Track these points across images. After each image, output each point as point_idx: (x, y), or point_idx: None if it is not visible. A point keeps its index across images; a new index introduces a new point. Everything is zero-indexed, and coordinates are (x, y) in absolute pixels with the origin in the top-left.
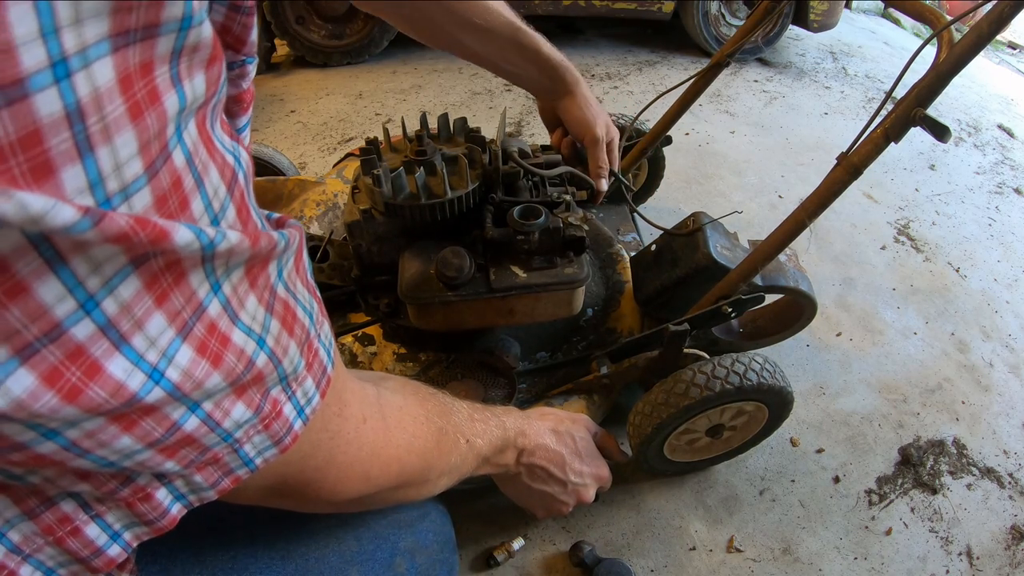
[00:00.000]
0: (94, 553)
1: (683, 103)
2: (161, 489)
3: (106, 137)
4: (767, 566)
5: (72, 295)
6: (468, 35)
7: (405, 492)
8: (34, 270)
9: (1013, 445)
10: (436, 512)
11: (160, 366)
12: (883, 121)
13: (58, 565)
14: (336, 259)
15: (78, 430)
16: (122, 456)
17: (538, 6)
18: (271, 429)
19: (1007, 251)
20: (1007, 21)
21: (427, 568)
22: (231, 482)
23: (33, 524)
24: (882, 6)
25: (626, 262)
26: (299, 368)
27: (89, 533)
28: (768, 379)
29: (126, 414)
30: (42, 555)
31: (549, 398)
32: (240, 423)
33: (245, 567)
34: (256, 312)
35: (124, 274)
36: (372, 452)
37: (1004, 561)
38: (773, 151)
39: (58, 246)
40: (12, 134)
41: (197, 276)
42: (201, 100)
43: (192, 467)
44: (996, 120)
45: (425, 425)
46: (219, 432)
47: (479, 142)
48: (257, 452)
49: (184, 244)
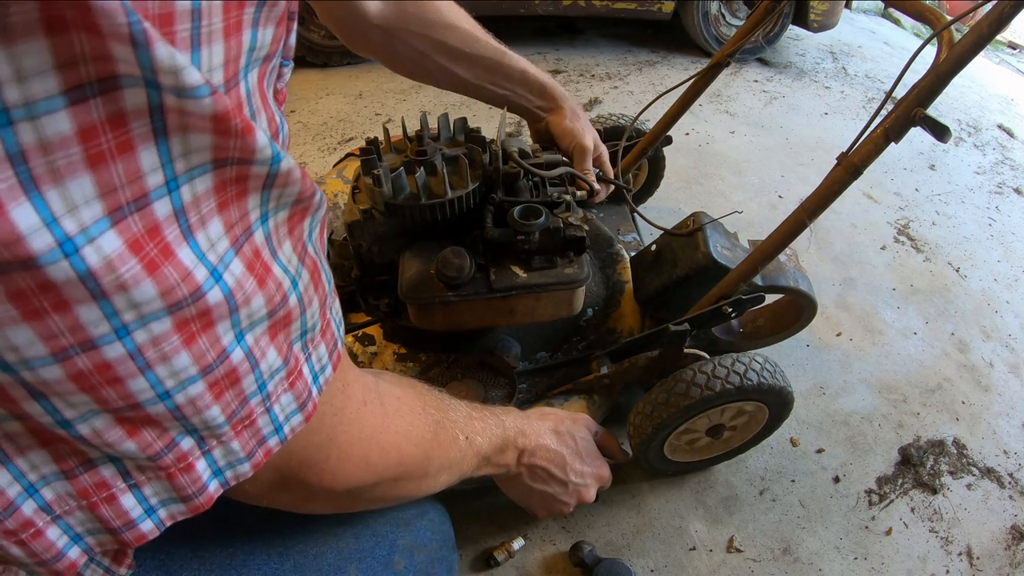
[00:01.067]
0: (126, 525)
1: (683, 103)
2: (201, 460)
3: (209, 40)
4: (767, 566)
5: (163, 169)
6: (459, 65)
7: (405, 485)
8: (143, 133)
9: (1013, 445)
10: (435, 511)
11: (219, 268)
12: (883, 121)
13: (87, 533)
14: (336, 259)
15: (146, 332)
16: (177, 382)
17: (538, 6)
18: (295, 389)
19: (1007, 251)
20: (1007, 21)
21: (426, 566)
22: (263, 454)
23: (69, 484)
24: (882, 6)
25: (626, 262)
26: (316, 328)
27: (125, 503)
28: (768, 379)
29: (188, 322)
30: (72, 519)
31: (549, 398)
32: (272, 370)
33: (243, 564)
34: (291, 257)
35: (204, 170)
36: (371, 435)
37: (1004, 561)
38: (773, 151)
39: (168, 119)
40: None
41: (254, 199)
42: (266, 51)
43: (233, 423)
44: (996, 120)
45: (422, 416)
46: (256, 376)
47: (479, 142)
48: (285, 417)
49: (260, 147)
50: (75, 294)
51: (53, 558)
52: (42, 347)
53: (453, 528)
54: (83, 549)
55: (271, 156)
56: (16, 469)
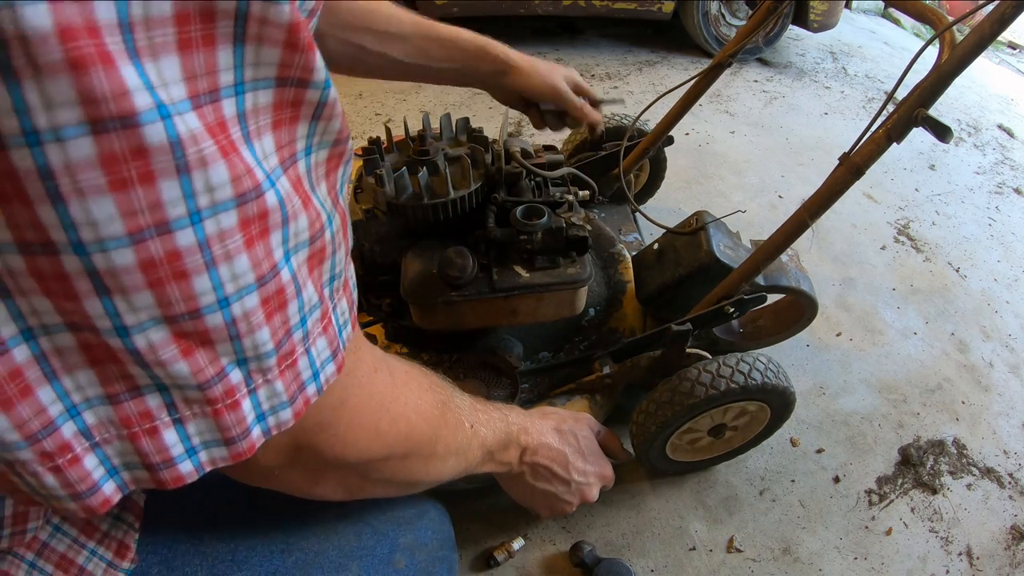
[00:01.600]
0: (165, 462)
1: (684, 103)
2: (247, 400)
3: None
4: (767, 566)
5: (234, 72)
6: (391, 46)
7: (414, 464)
8: (225, 34)
9: (1013, 445)
10: (435, 510)
11: (272, 176)
12: (885, 121)
13: (124, 467)
14: None
15: (215, 223)
16: (236, 288)
17: (538, 6)
18: (328, 333)
19: (1007, 251)
20: (1009, 22)
21: (427, 565)
22: (303, 402)
23: (112, 411)
24: (882, 6)
25: (628, 262)
26: (342, 277)
27: (167, 438)
28: (772, 379)
29: (250, 222)
30: (111, 448)
31: (551, 398)
32: (311, 305)
33: (245, 559)
34: (326, 198)
35: (268, 84)
36: (381, 403)
37: (1004, 561)
38: (773, 151)
39: (248, 27)
40: None
41: (303, 127)
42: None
43: (279, 356)
44: (996, 120)
45: (430, 393)
46: (299, 306)
47: (482, 142)
48: (321, 362)
49: (318, 67)
50: (162, 164)
51: (88, 490)
52: (120, 224)
53: (453, 528)
54: (118, 485)
55: (324, 80)
56: (61, 387)
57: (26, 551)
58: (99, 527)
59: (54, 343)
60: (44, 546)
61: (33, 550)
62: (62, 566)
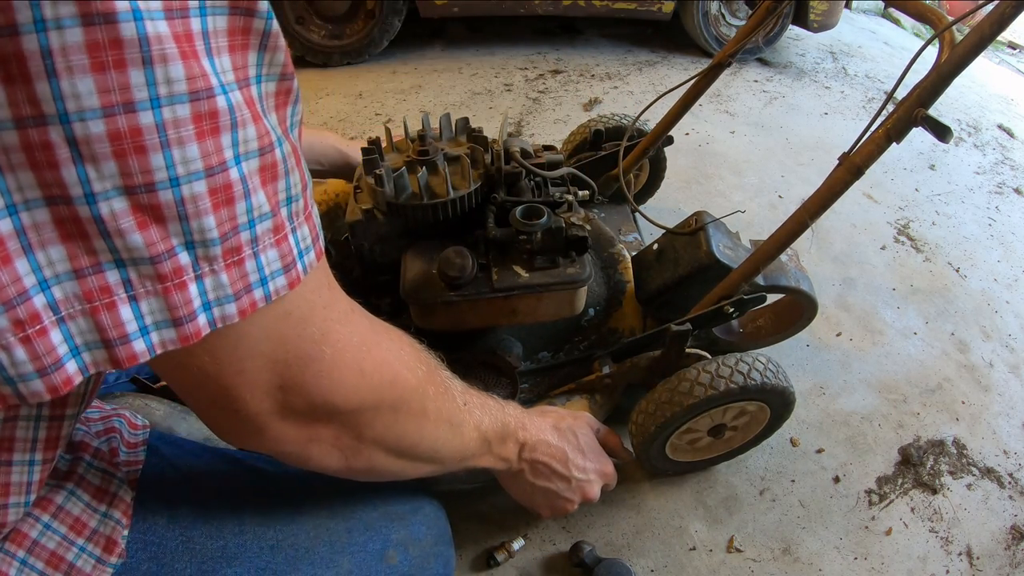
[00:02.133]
0: (121, 338)
1: (684, 103)
2: (193, 285)
3: None
4: (767, 566)
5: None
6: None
7: (406, 421)
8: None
9: (1013, 445)
10: (430, 506)
11: (227, 87)
12: (885, 121)
13: (85, 346)
14: (338, 259)
15: (171, 111)
16: (187, 171)
17: (538, 6)
18: (281, 248)
19: (1007, 251)
20: (1009, 22)
21: (421, 561)
22: (249, 303)
23: (77, 285)
24: (882, 6)
25: (628, 262)
26: (300, 202)
27: (123, 313)
28: (772, 379)
29: (201, 118)
30: (74, 326)
31: (551, 398)
32: (261, 212)
33: (235, 557)
34: (276, 126)
35: (223, 10)
36: (362, 343)
37: (1004, 561)
38: (773, 151)
39: None
40: None
41: (253, 55)
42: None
43: (224, 249)
44: (996, 120)
45: (411, 348)
46: (248, 207)
47: (481, 142)
48: (271, 272)
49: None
50: (132, 54)
51: (53, 365)
52: (96, 99)
53: (450, 526)
54: (80, 367)
55: (267, 10)
56: (35, 261)
57: (17, 549)
58: (88, 524)
59: (33, 218)
60: (34, 543)
61: (24, 548)
62: (52, 563)
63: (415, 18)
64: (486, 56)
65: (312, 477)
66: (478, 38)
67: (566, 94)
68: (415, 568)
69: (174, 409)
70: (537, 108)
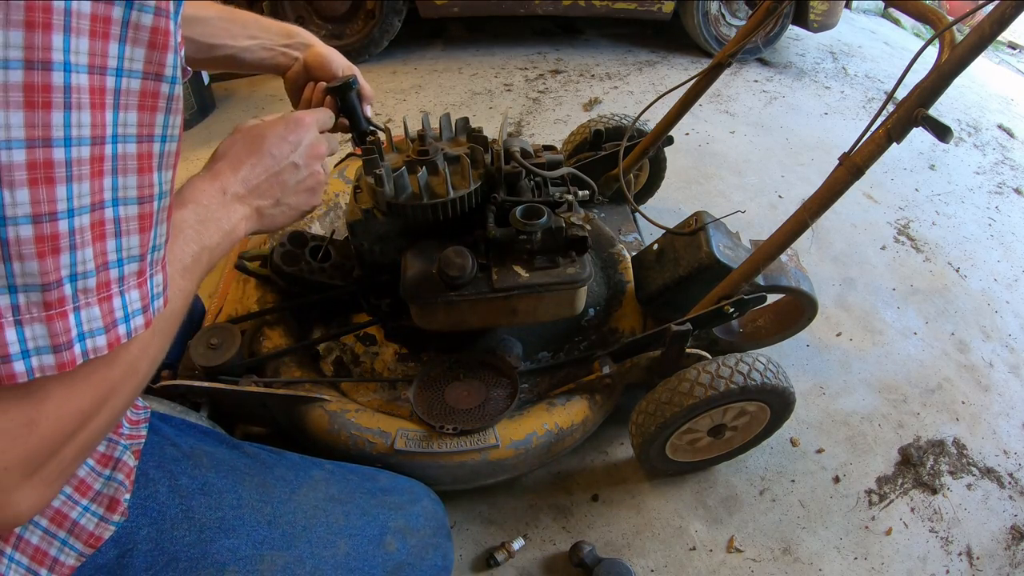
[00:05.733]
0: (3, 358)
1: (684, 103)
2: (72, 315)
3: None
4: (767, 566)
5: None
6: (195, 28)
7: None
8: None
9: (1013, 445)
10: (429, 500)
11: (127, 138)
12: (885, 121)
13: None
14: (338, 259)
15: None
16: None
17: (538, 6)
18: (142, 290)
19: (1007, 251)
20: (1009, 22)
21: (419, 550)
22: (115, 337)
23: None
24: (882, 6)
25: (628, 262)
26: (159, 251)
27: (8, 335)
28: (772, 379)
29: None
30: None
31: (551, 398)
32: (130, 254)
33: (232, 528)
34: (167, 182)
35: (138, 75)
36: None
37: (1004, 561)
38: (773, 151)
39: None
40: None
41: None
42: None
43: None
44: (996, 120)
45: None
46: (117, 245)
47: (481, 142)
48: (132, 311)
49: (170, 64)
50: (57, 99)
51: None
52: (23, 131)
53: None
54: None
55: (173, 76)
56: None
57: None
58: (92, 486)
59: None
60: None
61: None
62: (56, 520)
63: (415, 18)
64: (486, 56)
65: (310, 465)
66: (478, 38)
67: (566, 94)
68: (414, 557)
69: (173, 409)
70: (537, 108)
